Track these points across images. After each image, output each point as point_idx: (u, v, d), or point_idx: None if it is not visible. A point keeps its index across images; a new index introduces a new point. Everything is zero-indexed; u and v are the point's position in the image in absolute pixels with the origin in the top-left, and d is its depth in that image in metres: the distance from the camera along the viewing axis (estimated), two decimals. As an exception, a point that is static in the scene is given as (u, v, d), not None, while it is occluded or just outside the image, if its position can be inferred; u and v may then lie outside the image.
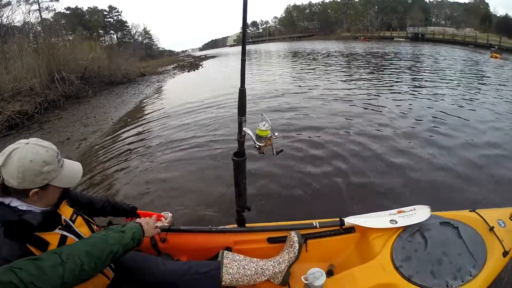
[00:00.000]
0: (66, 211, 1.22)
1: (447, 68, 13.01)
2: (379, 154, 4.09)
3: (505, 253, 1.51)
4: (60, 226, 1.14)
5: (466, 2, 62.00)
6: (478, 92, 7.79)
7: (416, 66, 13.78)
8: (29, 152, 1.02)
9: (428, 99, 7.09)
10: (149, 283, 1.39)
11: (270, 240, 1.75)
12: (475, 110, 6.04)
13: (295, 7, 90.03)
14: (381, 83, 9.61)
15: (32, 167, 1.01)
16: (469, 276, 1.41)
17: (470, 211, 1.74)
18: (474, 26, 47.61)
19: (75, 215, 1.25)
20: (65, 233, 1.14)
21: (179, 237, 1.74)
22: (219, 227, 1.78)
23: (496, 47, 24.18)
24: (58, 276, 0.89)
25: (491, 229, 1.59)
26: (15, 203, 1.05)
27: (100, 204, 1.64)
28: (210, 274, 1.43)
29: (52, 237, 1.09)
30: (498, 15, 53.74)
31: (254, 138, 1.43)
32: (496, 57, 18.27)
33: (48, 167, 1.05)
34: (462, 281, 1.39)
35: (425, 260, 1.48)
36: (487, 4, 58.88)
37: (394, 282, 1.41)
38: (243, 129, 1.43)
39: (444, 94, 7.53)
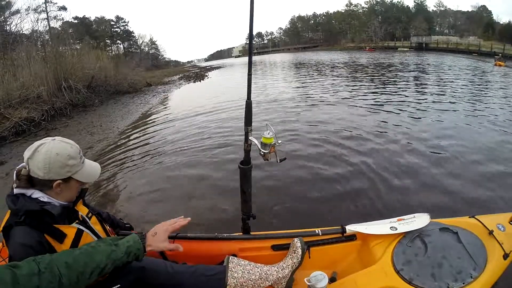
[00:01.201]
0: (82, 209, 1.31)
1: (453, 78, 13.02)
2: (380, 164, 4.10)
3: (505, 256, 1.52)
4: (77, 221, 1.22)
5: (469, 10, 62.32)
6: (483, 102, 7.76)
7: (422, 77, 13.79)
8: (55, 146, 1.12)
9: (433, 109, 7.10)
10: (155, 285, 1.41)
11: (274, 248, 1.77)
12: (480, 120, 6.00)
13: (300, 18, 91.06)
14: (386, 94, 9.64)
15: (58, 159, 1.11)
16: (470, 278, 1.42)
17: (469, 217, 1.77)
18: (478, 34, 47.60)
19: (90, 214, 1.33)
20: (81, 227, 1.21)
21: (185, 244, 1.75)
22: (225, 235, 1.81)
23: (500, 54, 24.16)
24: (33, 286, 0.84)
25: (491, 232, 1.61)
26: (36, 194, 1.13)
27: (104, 214, 1.69)
28: (216, 277, 1.46)
29: (69, 230, 1.16)
30: (501, 22, 53.74)
31: (259, 145, 1.50)
32: (500, 65, 18.30)
33: (72, 161, 1.15)
34: (463, 283, 1.40)
35: (425, 263, 1.50)
36: (490, 12, 59.22)
37: (395, 285, 1.43)
38: (249, 138, 1.50)
39: (449, 104, 7.53)
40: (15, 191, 1.12)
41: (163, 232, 1.27)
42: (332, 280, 1.63)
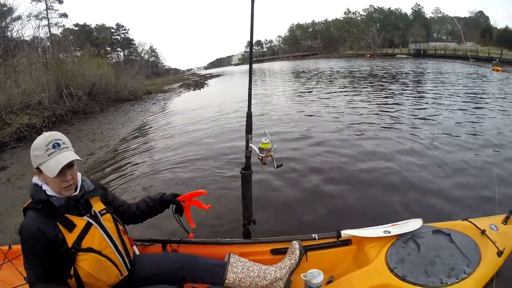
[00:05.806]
0: (97, 205, 1.39)
1: (451, 83, 13.16)
2: (376, 172, 4.12)
3: (499, 253, 1.54)
4: (88, 215, 1.32)
5: (467, 16, 62.70)
6: (480, 107, 7.81)
7: (422, 84, 13.91)
8: (38, 138, 1.27)
9: (429, 116, 7.15)
10: (158, 273, 1.51)
11: (273, 252, 1.85)
12: (476, 126, 6.04)
13: (299, 26, 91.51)
14: (383, 101, 9.75)
15: (31, 149, 1.26)
16: (463, 274, 1.45)
17: (462, 220, 1.81)
18: (475, 40, 47.73)
19: (104, 211, 1.40)
20: (91, 221, 1.31)
21: (189, 249, 1.84)
22: (227, 239, 1.89)
23: (497, 60, 24.35)
24: None
25: (483, 232, 1.64)
26: (44, 187, 1.26)
27: (131, 211, 1.65)
28: (216, 269, 1.55)
29: (79, 221, 1.27)
30: (498, 27, 53.91)
31: (257, 151, 1.66)
32: (497, 70, 18.44)
33: (37, 151, 1.24)
34: (457, 279, 1.43)
35: (418, 262, 1.55)
36: (487, 17, 59.80)
37: (389, 282, 1.48)
38: (249, 145, 1.65)
39: (446, 110, 7.58)
40: (34, 180, 1.29)
41: None
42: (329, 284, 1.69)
